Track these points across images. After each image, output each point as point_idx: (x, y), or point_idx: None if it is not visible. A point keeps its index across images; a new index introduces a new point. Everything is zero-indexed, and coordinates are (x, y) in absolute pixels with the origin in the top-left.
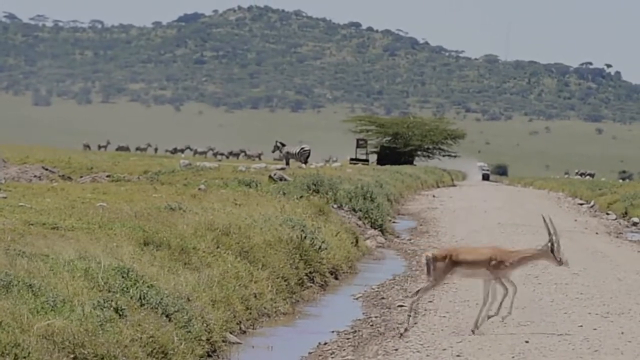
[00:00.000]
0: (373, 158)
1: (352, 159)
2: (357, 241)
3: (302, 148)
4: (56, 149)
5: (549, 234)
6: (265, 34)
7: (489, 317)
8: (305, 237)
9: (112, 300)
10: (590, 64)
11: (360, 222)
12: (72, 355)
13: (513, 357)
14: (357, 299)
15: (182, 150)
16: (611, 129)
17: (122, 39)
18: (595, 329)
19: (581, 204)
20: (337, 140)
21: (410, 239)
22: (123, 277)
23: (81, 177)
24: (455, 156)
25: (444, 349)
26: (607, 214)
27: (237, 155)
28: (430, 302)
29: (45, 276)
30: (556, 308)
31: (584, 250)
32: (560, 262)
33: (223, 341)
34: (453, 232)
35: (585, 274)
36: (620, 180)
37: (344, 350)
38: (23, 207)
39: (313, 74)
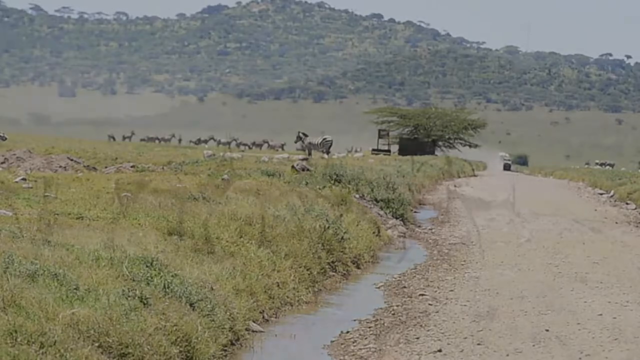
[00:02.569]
0: (395, 149)
1: (374, 150)
2: (378, 231)
3: (324, 139)
4: (81, 140)
5: None
6: (288, 26)
7: None
8: (327, 227)
9: (136, 290)
10: (610, 55)
11: (381, 212)
12: (96, 344)
13: (533, 345)
14: (379, 288)
15: (205, 141)
16: (631, 119)
17: (147, 31)
18: (615, 318)
19: (601, 194)
20: (359, 130)
21: (431, 229)
22: (147, 266)
23: (106, 167)
24: (476, 146)
25: (465, 337)
26: (627, 203)
27: (260, 145)
28: (452, 291)
29: (71, 265)
30: (576, 297)
31: (604, 240)
32: None
33: (246, 330)
34: (474, 221)
35: (605, 263)
36: None
37: (366, 338)
38: (48, 197)
39: (335, 65)
